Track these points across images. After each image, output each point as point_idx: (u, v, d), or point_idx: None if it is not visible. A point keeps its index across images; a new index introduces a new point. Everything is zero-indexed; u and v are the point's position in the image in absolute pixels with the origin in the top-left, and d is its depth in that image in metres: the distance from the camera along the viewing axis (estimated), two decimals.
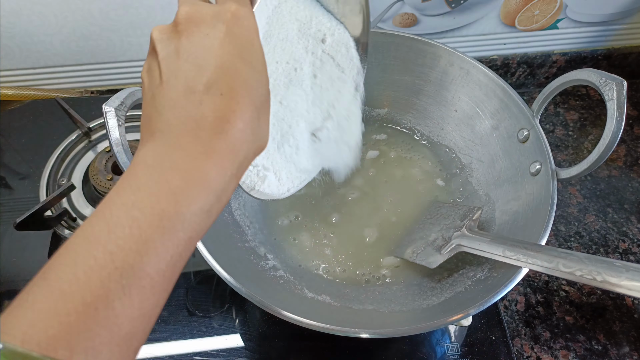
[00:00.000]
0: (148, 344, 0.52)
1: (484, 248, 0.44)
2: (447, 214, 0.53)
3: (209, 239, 0.47)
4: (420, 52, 0.60)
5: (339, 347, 0.52)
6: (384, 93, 0.66)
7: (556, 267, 0.38)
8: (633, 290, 0.34)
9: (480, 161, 0.60)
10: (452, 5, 0.70)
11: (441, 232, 0.50)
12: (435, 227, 0.52)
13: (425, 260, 0.49)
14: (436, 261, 0.47)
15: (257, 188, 0.43)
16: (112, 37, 0.71)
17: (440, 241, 0.49)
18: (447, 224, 0.51)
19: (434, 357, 0.52)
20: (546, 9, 0.72)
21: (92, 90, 0.79)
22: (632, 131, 0.75)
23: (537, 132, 0.51)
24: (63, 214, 0.60)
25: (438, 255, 0.48)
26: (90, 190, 0.64)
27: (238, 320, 0.54)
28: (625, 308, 0.57)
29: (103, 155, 0.64)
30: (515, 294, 0.58)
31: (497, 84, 0.56)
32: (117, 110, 0.43)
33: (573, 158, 0.72)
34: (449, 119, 0.63)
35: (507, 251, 0.42)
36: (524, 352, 0.54)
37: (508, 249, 0.42)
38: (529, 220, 0.48)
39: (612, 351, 0.54)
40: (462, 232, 0.48)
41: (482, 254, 0.45)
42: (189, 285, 0.56)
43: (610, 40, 0.79)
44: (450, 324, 0.43)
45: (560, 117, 0.78)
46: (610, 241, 0.63)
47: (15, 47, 0.71)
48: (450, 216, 0.52)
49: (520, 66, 0.80)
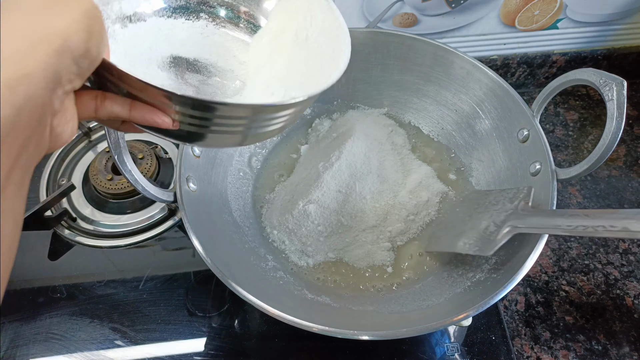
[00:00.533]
0: (148, 343, 0.52)
1: (542, 224, 0.42)
2: (496, 200, 0.51)
3: (209, 240, 0.47)
4: (420, 52, 0.60)
5: (339, 347, 0.52)
6: (384, 92, 0.66)
7: (625, 227, 0.36)
8: None
9: (480, 161, 0.60)
10: (452, 5, 0.70)
11: (492, 218, 0.48)
12: (484, 214, 0.50)
13: (480, 250, 0.46)
14: (492, 248, 0.45)
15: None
16: None
17: (492, 227, 0.47)
18: (496, 209, 0.49)
19: (434, 357, 0.52)
20: (546, 9, 0.72)
21: None
22: (632, 131, 0.75)
23: (537, 132, 0.51)
24: (63, 214, 0.60)
25: (493, 242, 0.45)
26: (90, 190, 0.64)
27: (237, 320, 0.54)
28: (625, 308, 0.57)
29: (103, 155, 0.64)
30: (515, 294, 0.58)
31: (497, 83, 0.56)
32: None
33: (573, 158, 0.72)
34: (449, 119, 0.63)
35: (567, 221, 0.40)
36: (524, 352, 0.54)
37: (567, 219, 0.40)
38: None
39: (612, 351, 0.54)
40: (514, 213, 0.46)
41: (541, 232, 0.43)
42: (189, 285, 0.56)
43: (610, 40, 0.79)
44: (450, 325, 0.43)
45: (560, 117, 0.78)
46: (610, 241, 0.63)
47: None
48: (500, 202, 0.50)
49: (520, 66, 0.80)
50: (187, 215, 0.46)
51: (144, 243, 0.60)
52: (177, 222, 0.61)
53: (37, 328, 0.53)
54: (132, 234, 0.60)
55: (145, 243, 0.60)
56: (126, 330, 0.53)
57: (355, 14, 0.71)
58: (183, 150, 0.50)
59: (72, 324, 0.53)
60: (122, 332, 0.53)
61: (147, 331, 0.53)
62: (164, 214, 0.62)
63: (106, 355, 0.51)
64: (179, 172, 0.48)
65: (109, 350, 0.51)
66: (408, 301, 0.50)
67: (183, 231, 0.61)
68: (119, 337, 0.52)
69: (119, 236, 0.60)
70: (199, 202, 0.50)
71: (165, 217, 0.62)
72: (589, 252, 0.62)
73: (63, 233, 0.60)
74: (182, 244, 0.60)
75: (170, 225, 0.61)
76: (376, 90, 0.65)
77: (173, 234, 0.61)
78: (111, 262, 0.59)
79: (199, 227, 0.47)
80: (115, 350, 0.52)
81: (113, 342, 0.52)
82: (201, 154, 0.53)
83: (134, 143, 0.66)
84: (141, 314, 0.54)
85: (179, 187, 0.47)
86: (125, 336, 0.52)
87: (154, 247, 0.60)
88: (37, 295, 0.56)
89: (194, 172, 0.51)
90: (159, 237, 0.60)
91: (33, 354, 0.51)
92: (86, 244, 0.60)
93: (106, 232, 0.61)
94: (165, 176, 0.65)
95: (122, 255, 0.59)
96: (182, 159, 0.50)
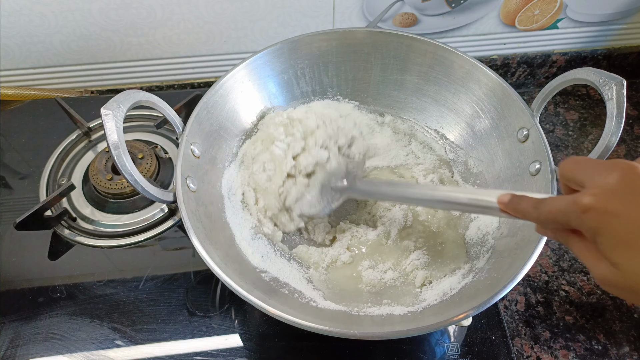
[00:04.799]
0: (148, 343, 0.52)
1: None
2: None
3: (209, 240, 0.47)
4: (420, 52, 0.60)
5: (339, 347, 0.52)
6: (383, 92, 0.65)
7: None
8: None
9: (479, 160, 0.60)
10: (452, 5, 0.70)
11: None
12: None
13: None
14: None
15: None
16: (112, 37, 0.71)
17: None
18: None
19: (434, 357, 0.52)
20: (546, 9, 0.72)
21: (92, 90, 0.79)
22: (632, 131, 0.75)
23: (537, 132, 0.51)
24: (63, 213, 0.60)
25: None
26: (90, 190, 0.64)
27: (238, 320, 0.54)
28: (625, 308, 0.57)
29: (103, 155, 0.64)
30: (515, 294, 0.58)
31: (497, 83, 0.56)
32: (114, 113, 0.43)
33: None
34: (448, 118, 0.63)
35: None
36: (524, 351, 0.54)
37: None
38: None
39: (612, 351, 0.54)
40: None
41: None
42: (189, 285, 0.56)
43: (610, 40, 0.79)
44: (450, 325, 0.43)
45: (560, 117, 0.78)
46: None
47: (15, 47, 0.71)
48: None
49: (520, 66, 0.80)
50: (187, 215, 0.46)
51: (144, 243, 0.60)
52: (177, 222, 0.61)
53: (37, 328, 0.53)
54: (132, 234, 0.60)
55: (145, 243, 0.60)
56: (126, 330, 0.53)
57: (355, 13, 0.71)
58: (183, 150, 0.50)
59: (72, 324, 0.53)
60: (122, 332, 0.53)
61: (147, 331, 0.53)
62: (164, 214, 0.62)
63: (106, 355, 0.51)
64: (179, 172, 0.48)
65: (109, 350, 0.51)
66: (408, 301, 0.50)
67: (183, 231, 0.61)
68: (119, 337, 0.52)
69: (119, 236, 0.60)
70: (199, 202, 0.50)
71: (165, 217, 0.62)
72: None
73: (63, 233, 0.60)
74: (182, 244, 0.60)
75: (170, 225, 0.61)
76: (376, 90, 0.65)
77: (173, 234, 0.61)
78: (111, 262, 0.59)
79: (199, 227, 0.47)
80: (115, 350, 0.52)
81: (113, 342, 0.52)
82: (201, 155, 0.53)
83: (134, 143, 0.66)
84: (141, 313, 0.54)
85: (179, 188, 0.47)
86: (125, 336, 0.52)
87: (154, 247, 0.60)
88: (37, 295, 0.56)
89: (193, 172, 0.51)
90: (159, 237, 0.60)
91: (33, 353, 0.51)
92: (86, 243, 0.60)
93: (106, 232, 0.61)
94: (165, 176, 0.65)
95: (122, 255, 0.59)
96: (182, 159, 0.50)
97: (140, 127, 0.71)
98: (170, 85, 0.80)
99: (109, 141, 0.43)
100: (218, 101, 0.56)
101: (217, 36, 0.73)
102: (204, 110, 0.54)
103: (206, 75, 0.79)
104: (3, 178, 0.67)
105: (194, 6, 0.68)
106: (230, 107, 0.58)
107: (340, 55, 0.62)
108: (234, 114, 0.59)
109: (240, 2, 0.68)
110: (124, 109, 0.44)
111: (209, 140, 0.55)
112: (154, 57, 0.75)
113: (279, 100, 0.63)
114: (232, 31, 0.72)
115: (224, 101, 0.57)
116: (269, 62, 0.60)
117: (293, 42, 0.60)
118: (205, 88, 0.65)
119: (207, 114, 0.55)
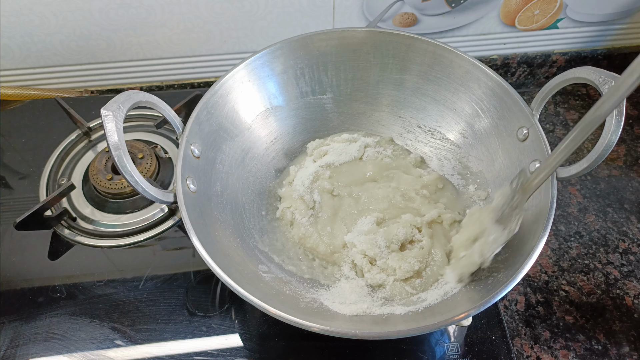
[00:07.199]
0: (148, 343, 0.52)
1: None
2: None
3: (209, 240, 0.47)
4: (420, 51, 0.60)
5: (339, 346, 0.52)
6: (383, 92, 0.65)
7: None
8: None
9: (479, 159, 0.60)
10: (452, 5, 0.70)
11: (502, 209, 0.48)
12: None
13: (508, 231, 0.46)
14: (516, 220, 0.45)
15: None
16: (112, 37, 0.72)
17: (507, 211, 0.47)
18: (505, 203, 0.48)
19: (434, 356, 0.52)
20: (546, 9, 0.72)
21: (92, 90, 0.79)
22: (632, 131, 0.75)
23: (536, 131, 0.51)
24: (63, 213, 0.60)
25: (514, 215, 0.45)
26: (90, 190, 0.64)
27: (238, 320, 0.54)
28: (625, 308, 0.57)
29: (103, 155, 0.64)
30: (515, 294, 0.58)
31: (497, 82, 0.56)
32: (115, 114, 0.43)
33: (573, 157, 0.72)
34: (448, 118, 0.63)
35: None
36: (524, 351, 0.54)
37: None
38: (529, 220, 0.48)
39: (612, 351, 0.54)
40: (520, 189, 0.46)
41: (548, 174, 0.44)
42: (189, 285, 0.56)
43: (610, 40, 0.79)
44: (451, 325, 0.43)
45: (560, 116, 0.78)
46: (610, 241, 0.63)
47: (15, 47, 0.71)
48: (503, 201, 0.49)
49: (520, 66, 0.80)
50: (187, 216, 0.46)
51: (144, 243, 0.60)
52: (177, 222, 0.61)
53: (37, 328, 0.53)
54: (132, 234, 0.60)
55: (145, 243, 0.60)
56: (126, 330, 0.53)
57: (355, 13, 0.71)
58: (183, 150, 0.50)
59: (72, 324, 0.53)
60: (122, 331, 0.53)
61: (147, 331, 0.53)
62: (164, 213, 0.62)
63: (106, 355, 0.51)
64: (179, 173, 0.48)
65: (109, 350, 0.51)
66: (408, 301, 0.50)
67: (183, 231, 0.61)
68: (119, 336, 0.52)
69: (119, 236, 0.60)
70: (199, 202, 0.50)
71: (165, 217, 0.62)
72: (588, 251, 0.62)
73: (63, 233, 0.60)
74: (182, 244, 0.60)
75: (170, 225, 0.61)
76: (375, 90, 0.65)
77: (173, 233, 0.61)
78: (111, 261, 0.59)
79: (199, 227, 0.47)
80: (115, 350, 0.52)
81: (113, 342, 0.52)
82: (201, 155, 0.53)
83: (134, 143, 0.66)
84: (141, 313, 0.54)
85: (179, 188, 0.47)
86: (125, 336, 0.52)
87: (154, 247, 0.60)
88: (37, 294, 0.56)
89: (193, 172, 0.51)
90: (159, 237, 0.60)
91: (33, 353, 0.51)
92: (86, 243, 0.60)
93: (106, 231, 0.61)
94: (165, 175, 0.65)
95: (122, 255, 0.59)
96: (182, 159, 0.50)
97: (140, 127, 0.71)
98: (170, 85, 0.80)
99: (109, 142, 0.43)
100: (218, 101, 0.56)
101: (217, 36, 0.73)
102: (203, 110, 0.54)
103: (206, 75, 0.79)
104: (3, 178, 0.67)
105: (194, 6, 0.68)
106: (230, 107, 0.58)
107: (339, 55, 0.62)
108: (233, 114, 0.59)
109: (240, 2, 0.68)
110: (124, 110, 0.44)
111: (209, 141, 0.55)
112: (154, 57, 0.75)
113: (279, 100, 0.63)
114: (232, 31, 0.72)
115: (223, 101, 0.57)
116: (268, 62, 0.60)
117: (293, 42, 0.60)
118: (205, 88, 0.65)
119: (207, 114, 0.55)
